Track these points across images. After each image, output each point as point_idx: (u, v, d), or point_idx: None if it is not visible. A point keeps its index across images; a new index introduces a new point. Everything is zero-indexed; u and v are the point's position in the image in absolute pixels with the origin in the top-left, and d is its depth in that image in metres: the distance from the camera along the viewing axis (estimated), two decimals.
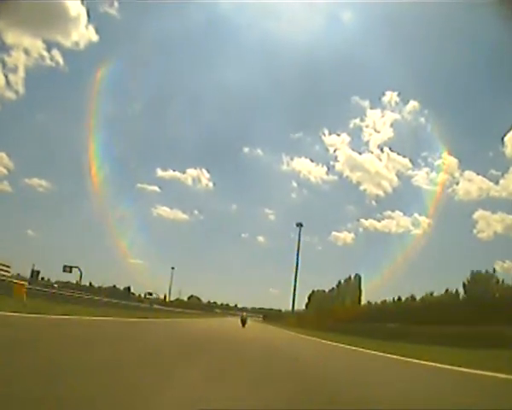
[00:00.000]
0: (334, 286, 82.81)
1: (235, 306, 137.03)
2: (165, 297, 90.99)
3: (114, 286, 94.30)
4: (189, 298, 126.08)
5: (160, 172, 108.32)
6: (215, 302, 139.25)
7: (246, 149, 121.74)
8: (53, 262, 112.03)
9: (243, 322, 42.51)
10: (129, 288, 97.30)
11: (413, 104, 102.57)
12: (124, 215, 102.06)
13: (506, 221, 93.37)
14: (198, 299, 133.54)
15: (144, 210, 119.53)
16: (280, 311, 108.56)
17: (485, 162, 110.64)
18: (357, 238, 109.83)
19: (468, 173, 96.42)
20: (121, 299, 51.90)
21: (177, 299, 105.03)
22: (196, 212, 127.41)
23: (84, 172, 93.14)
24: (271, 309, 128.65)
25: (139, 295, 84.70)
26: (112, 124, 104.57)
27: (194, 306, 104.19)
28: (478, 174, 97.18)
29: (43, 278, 64.43)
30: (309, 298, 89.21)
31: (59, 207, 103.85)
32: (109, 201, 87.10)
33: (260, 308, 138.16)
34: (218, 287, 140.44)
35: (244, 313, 48.27)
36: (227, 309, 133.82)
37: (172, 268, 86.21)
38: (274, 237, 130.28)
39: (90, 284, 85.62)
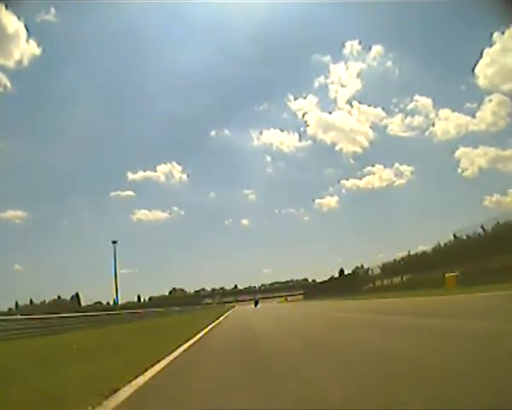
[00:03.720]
0: None
1: (236, 289, 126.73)
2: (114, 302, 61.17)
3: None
4: (170, 292, 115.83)
5: (131, 176, 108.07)
6: (203, 289, 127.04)
7: (212, 133, 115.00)
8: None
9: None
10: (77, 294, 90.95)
11: (376, 49, 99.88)
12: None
13: (489, 154, 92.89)
14: (182, 290, 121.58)
15: (123, 217, 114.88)
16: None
17: (460, 97, 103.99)
18: (342, 200, 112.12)
19: (444, 112, 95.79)
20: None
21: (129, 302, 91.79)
22: (176, 208, 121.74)
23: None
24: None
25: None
26: (71, 136, 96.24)
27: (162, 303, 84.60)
28: (453, 111, 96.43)
29: None
30: None
31: None
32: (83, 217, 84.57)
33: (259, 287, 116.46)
34: (206, 277, 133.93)
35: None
36: (224, 295, 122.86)
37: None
38: (258, 217, 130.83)
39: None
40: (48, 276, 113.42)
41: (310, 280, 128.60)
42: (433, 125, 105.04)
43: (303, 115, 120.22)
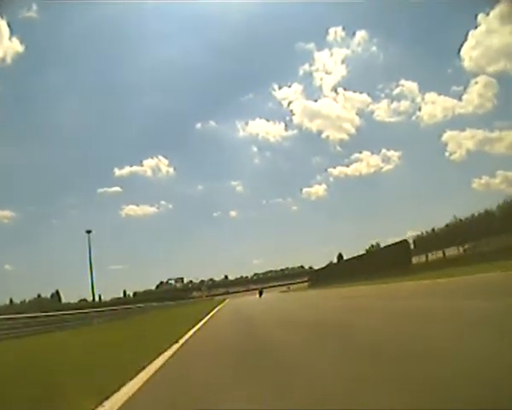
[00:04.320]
0: None
1: (226, 280, 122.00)
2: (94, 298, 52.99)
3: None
4: (157, 286, 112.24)
5: (117, 172, 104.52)
6: (190, 281, 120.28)
7: (198, 125, 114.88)
8: None
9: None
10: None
11: (360, 35, 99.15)
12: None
13: (476, 137, 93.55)
14: (169, 284, 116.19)
15: (112, 214, 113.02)
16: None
17: (446, 80, 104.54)
18: (330, 189, 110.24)
19: (430, 96, 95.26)
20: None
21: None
22: (163, 202, 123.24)
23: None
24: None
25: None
26: (57, 134, 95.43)
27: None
28: (440, 94, 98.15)
29: None
30: None
31: None
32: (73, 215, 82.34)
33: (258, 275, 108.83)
34: (196, 270, 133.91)
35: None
36: (214, 287, 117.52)
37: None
38: (246, 208, 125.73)
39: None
40: (33, 275, 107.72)
41: (306, 267, 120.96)
42: (420, 109, 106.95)
43: (288, 104, 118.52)
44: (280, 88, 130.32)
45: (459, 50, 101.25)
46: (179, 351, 5.65)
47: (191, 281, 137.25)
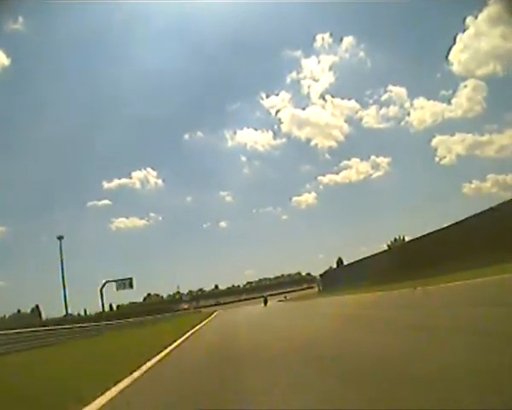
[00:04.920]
0: None
1: (216, 290, 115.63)
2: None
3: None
4: (145, 298, 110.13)
5: (106, 184, 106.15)
6: (177, 292, 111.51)
7: (186, 136, 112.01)
8: None
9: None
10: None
11: (348, 40, 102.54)
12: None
13: (466, 141, 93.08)
14: (157, 296, 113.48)
15: (101, 227, 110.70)
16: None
17: (434, 85, 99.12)
18: (320, 197, 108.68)
19: (419, 101, 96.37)
20: None
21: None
22: (153, 214, 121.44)
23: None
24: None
25: None
26: (44, 148, 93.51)
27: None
28: (429, 99, 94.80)
29: None
30: None
31: None
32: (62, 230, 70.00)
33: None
34: (186, 281, 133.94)
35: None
36: (203, 298, 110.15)
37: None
38: (235, 219, 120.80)
39: None
40: (15, 290, 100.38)
41: (303, 274, 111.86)
42: (409, 114, 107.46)
43: (276, 113, 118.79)
44: (268, 96, 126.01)
45: (447, 54, 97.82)
46: None
47: (178, 292, 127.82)
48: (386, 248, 46.53)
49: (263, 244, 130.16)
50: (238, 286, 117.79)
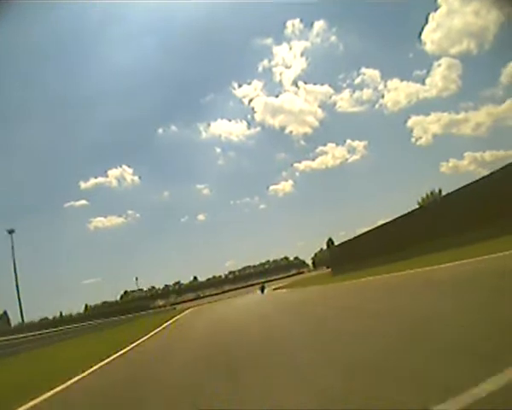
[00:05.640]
0: None
1: (195, 281, 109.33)
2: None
3: None
4: (121, 296, 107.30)
5: (83, 184, 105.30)
6: (152, 287, 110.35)
7: (160, 131, 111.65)
8: None
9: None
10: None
11: (319, 25, 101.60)
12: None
13: (442, 120, 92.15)
14: (134, 292, 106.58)
15: (80, 227, 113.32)
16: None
17: (408, 65, 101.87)
18: (297, 184, 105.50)
19: (392, 82, 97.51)
20: None
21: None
22: (131, 211, 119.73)
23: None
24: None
25: None
26: (18, 151, 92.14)
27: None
28: (402, 80, 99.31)
29: None
30: None
31: None
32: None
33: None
34: (165, 276, 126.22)
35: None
36: (182, 292, 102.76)
37: None
38: (214, 211, 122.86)
39: None
40: None
41: (291, 258, 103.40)
42: (383, 96, 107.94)
43: (249, 102, 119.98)
44: (240, 86, 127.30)
45: (420, 34, 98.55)
46: None
47: (153, 287, 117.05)
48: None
49: (243, 235, 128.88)
50: (219, 277, 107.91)
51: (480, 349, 2.64)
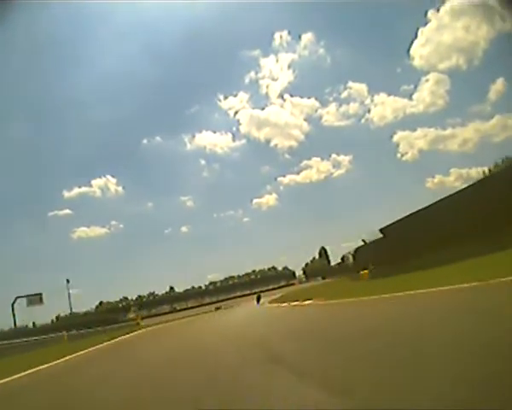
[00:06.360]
0: None
1: (172, 293, 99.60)
2: None
3: None
4: (97, 307, 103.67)
5: (66, 194, 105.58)
6: (125, 298, 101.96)
7: (144, 141, 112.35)
8: None
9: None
10: None
11: (307, 37, 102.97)
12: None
13: (428, 136, 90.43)
14: (110, 303, 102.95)
15: (63, 237, 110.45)
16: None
17: (395, 80, 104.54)
18: (281, 198, 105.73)
19: (379, 97, 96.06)
20: None
21: None
22: (114, 222, 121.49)
23: None
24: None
25: None
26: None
27: None
28: (389, 95, 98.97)
29: None
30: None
31: None
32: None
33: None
34: (144, 287, 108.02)
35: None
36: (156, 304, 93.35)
37: None
38: (197, 223, 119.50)
39: None
40: None
41: (280, 269, 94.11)
42: (369, 111, 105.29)
43: (235, 114, 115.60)
44: (225, 98, 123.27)
45: (409, 49, 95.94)
46: None
47: (126, 298, 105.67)
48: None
49: (226, 247, 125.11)
50: (199, 288, 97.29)
51: None
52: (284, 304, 20.06)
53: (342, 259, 41.30)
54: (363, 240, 24.18)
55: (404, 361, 3.14)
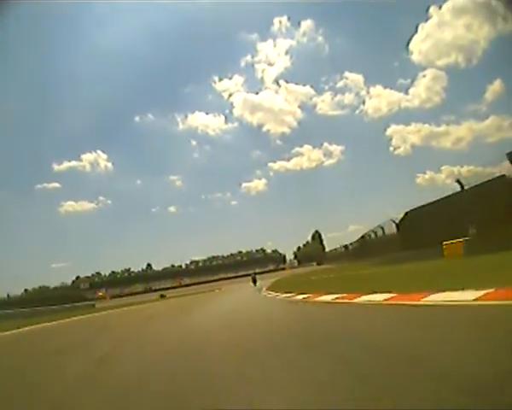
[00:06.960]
0: None
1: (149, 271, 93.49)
2: None
3: None
4: (73, 282, 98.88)
5: (56, 167, 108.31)
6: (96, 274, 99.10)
7: (137, 118, 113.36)
8: None
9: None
10: None
11: (306, 24, 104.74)
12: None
13: (422, 131, 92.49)
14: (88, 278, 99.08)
15: (51, 210, 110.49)
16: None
17: (392, 73, 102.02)
18: (270, 183, 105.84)
19: (375, 89, 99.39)
20: None
21: None
22: (102, 198, 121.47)
23: None
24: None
25: None
26: None
27: None
28: (385, 88, 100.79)
29: None
30: None
31: None
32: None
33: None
34: (129, 265, 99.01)
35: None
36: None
37: None
38: (185, 204, 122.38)
39: None
40: None
41: (269, 251, 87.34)
42: (364, 102, 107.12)
43: (229, 97, 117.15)
44: (220, 80, 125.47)
45: (408, 43, 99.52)
46: None
47: (98, 273, 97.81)
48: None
49: (212, 229, 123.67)
50: (179, 267, 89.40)
51: None
52: (299, 297, 11.40)
53: (362, 237, 33.63)
54: (458, 180, 15.01)
55: None
